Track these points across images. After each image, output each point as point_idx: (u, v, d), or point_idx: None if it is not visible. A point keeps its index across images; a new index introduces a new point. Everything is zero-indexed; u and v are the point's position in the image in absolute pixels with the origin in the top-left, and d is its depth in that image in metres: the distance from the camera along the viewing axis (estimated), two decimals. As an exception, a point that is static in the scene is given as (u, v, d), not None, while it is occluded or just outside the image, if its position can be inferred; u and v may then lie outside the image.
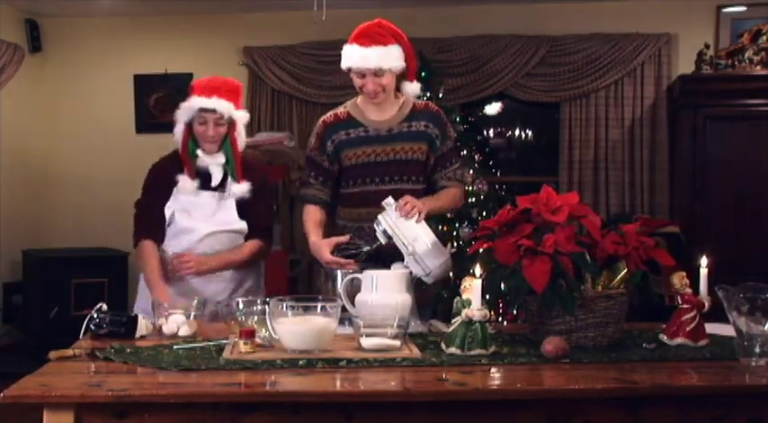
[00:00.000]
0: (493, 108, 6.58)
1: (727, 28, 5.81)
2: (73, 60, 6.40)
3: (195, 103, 2.80)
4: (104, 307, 2.30)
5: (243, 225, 2.89)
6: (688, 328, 2.15)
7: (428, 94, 5.23)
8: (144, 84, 6.32)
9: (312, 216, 2.77)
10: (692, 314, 2.16)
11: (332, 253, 2.56)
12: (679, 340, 2.15)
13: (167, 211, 2.84)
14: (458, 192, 2.84)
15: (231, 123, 2.84)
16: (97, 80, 6.39)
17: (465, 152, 5.15)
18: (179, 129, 2.84)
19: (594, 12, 6.02)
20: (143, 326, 2.26)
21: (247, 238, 2.92)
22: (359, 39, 2.62)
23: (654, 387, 1.80)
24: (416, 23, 6.12)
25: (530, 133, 6.62)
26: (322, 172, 2.78)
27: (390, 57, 2.61)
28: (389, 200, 2.51)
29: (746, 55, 5.36)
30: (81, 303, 5.14)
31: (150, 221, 2.85)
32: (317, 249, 2.62)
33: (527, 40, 6.02)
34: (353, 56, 2.62)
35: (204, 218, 2.84)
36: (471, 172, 5.12)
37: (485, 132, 6.57)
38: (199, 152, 2.83)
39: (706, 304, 2.18)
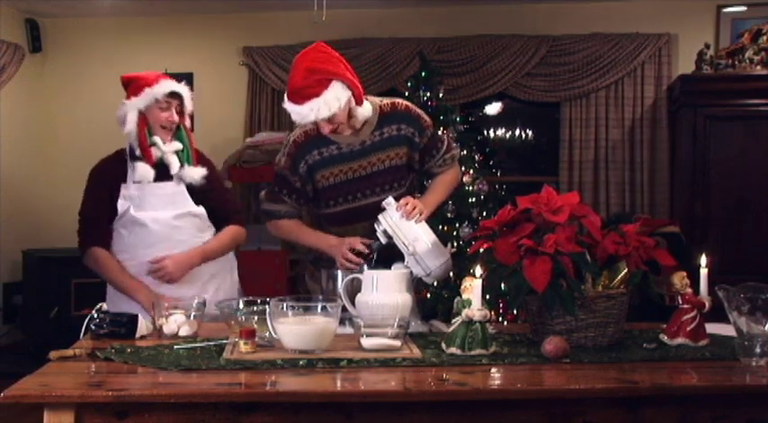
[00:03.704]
0: (493, 108, 6.59)
1: (727, 28, 5.82)
2: (73, 60, 6.41)
3: (166, 86, 2.79)
4: (104, 307, 2.30)
5: (201, 210, 2.86)
6: (688, 328, 2.15)
7: (428, 94, 5.23)
8: (144, 84, 6.32)
9: (302, 225, 2.73)
10: (692, 314, 2.16)
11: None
12: (679, 340, 2.15)
13: (121, 207, 2.78)
14: (452, 174, 2.80)
15: (181, 114, 2.86)
16: (97, 80, 6.39)
17: (465, 152, 5.15)
18: (132, 117, 2.78)
19: (594, 12, 6.03)
20: (143, 326, 2.26)
21: (220, 225, 2.90)
22: (292, 97, 2.46)
23: (654, 387, 1.80)
24: (416, 23, 6.14)
25: (530, 133, 6.63)
26: (294, 191, 2.69)
27: (329, 102, 2.42)
28: (390, 200, 2.50)
29: (746, 55, 5.37)
30: (81, 303, 5.14)
31: (97, 229, 2.79)
32: (339, 247, 2.55)
33: (527, 40, 6.02)
34: (293, 113, 2.49)
35: (163, 206, 2.80)
36: (471, 172, 5.12)
37: (485, 132, 6.58)
38: (156, 139, 2.79)
39: (706, 304, 2.18)
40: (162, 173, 2.81)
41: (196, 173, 2.84)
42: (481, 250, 2.24)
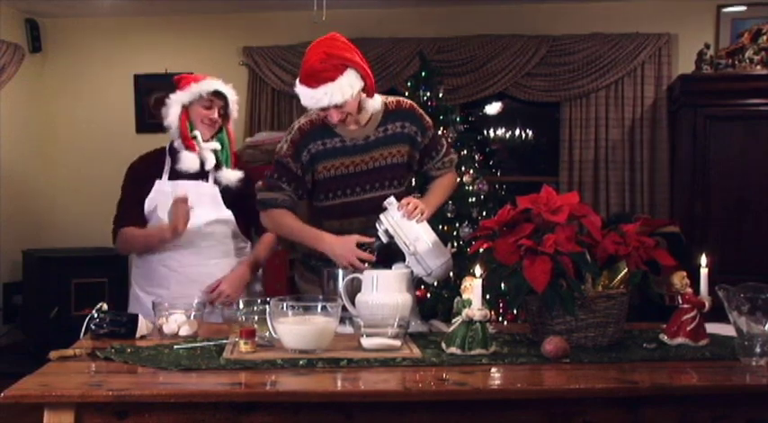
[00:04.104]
0: (493, 108, 6.59)
1: (727, 28, 5.82)
2: (73, 60, 6.41)
3: (210, 84, 2.81)
4: (104, 307, 2.29)
5: (231, 217, 2.87)
6: (688, 328, 2.15)
7: (428, 94, 5.23)
8: (144, 84, 6.33)
9: (296, 219, 2.67)
10: (692, 314, 2.16)
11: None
12: (679, 340, 2.15)
13: (149, 204, 2.81)
14: (450, 178, 2.81)
15: (225, 117, 2.89)
16: (97, 80, 6.40)
17: (465, 152, 5.15)
18: (175, 110, 2.80)
19: (594, 12, 6.03)
20: (143, 326, 2.26)
21: (255, 230, 2.92)
22: (306, 80, 2.45)
23: (654, 387, 1.80)
24: (416, 23, 6.14)
25: (530, 133, 6.63)
26: (295, 178, 2.64)
27: (343, 88, 2.41)
28: (391, 199, 2.50)
29: (746, 55, 5.37)
30: (81, 303, 5.14)
31: (127, 217, 2.84)
32: (348, 248, 2.49)
33: (527, 40, 6.02)
34: (305, 97, 2.47)
35: (195, 206, 2.78)
36: (471, 172, 5.12)
37: (485, 132, 6.58)
38: (197, 133, 2.82)
39: (706, 304, 2.18)
40: (198, 171, 2.83)
41: (233, 175, 2.85)
42: (481, 250, 2.24)
